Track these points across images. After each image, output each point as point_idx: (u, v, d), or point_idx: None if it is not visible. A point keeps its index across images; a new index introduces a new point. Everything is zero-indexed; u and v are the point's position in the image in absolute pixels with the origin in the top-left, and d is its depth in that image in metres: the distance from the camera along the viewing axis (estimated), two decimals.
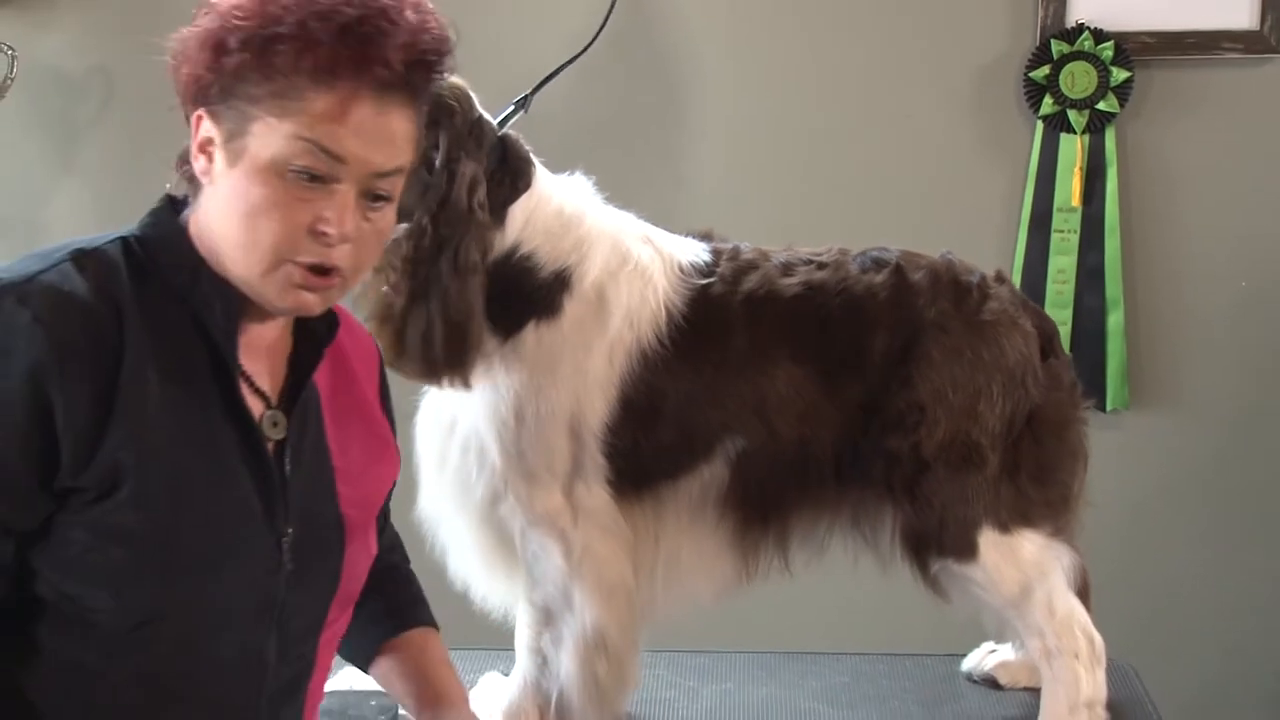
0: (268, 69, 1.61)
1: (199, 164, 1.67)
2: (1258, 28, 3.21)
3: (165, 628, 1.62)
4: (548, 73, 2.82)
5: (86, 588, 1.60)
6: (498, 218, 2.12)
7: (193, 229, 1.69)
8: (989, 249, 3.12)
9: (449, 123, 2.06)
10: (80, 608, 1.60)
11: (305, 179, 1.62)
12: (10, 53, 3.21)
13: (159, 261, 1.67)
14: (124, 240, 1.68)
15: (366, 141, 1.62)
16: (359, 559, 1.81)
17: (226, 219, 1.65)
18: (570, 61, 2.29)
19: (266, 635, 1.69)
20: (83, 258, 1.64)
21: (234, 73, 1.63)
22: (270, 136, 1.61)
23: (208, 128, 1.66)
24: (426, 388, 2.21)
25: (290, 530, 1.69)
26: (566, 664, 2.19)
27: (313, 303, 1.67)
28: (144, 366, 1.60)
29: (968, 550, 2.18)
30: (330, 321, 1.76)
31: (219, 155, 1.65)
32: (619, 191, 2.26)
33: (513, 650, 2.25)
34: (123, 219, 3.37)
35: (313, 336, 1.75)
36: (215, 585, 1.64)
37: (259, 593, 1.68)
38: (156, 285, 1.65)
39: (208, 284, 1.66)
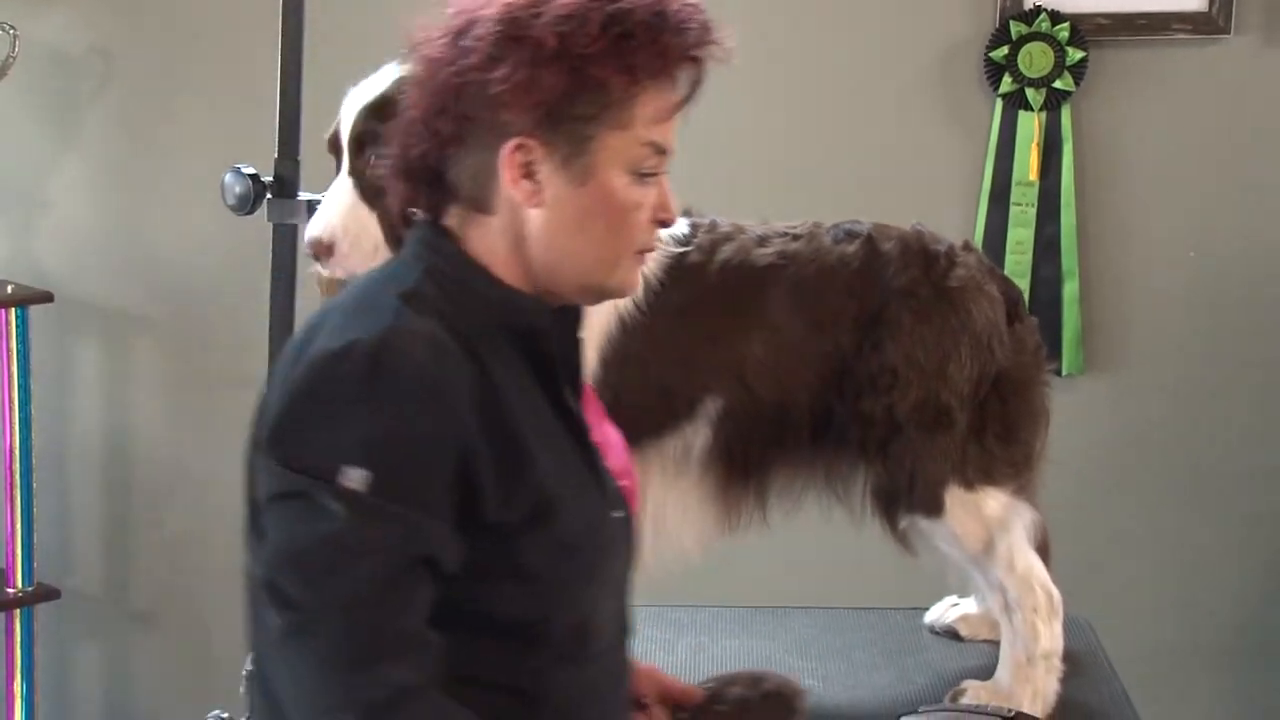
0: (625, 84, 1.58)
1: (522, 188, 1.58)
2: (1206, 9, 3.21)
3: (592, 629, 1.62)
4: None
5: (530, 610, 1.57)
6: None
7: (478, 247, 1.62)
8: (951, 221, 3.12)
9: None
10: (524, 632, 1.57)
11: (645, 176, 1.62)
12: (12, 32, 3.19)
13: (465, 284, 1.60)
14: (425, 272, 1.60)
15: (675, 128, 1.65)
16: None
17: (582, 233, 1.61)
18: None
19: (625, 616, 1.72)
20: (413, 299, 1.56)
21: (580, 98, 1.58)
22: (616, 147, 1.59)
23: (534, 154, 1.58)
24: None
25: (620, 513, 1.69)
26: None
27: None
28: (508, 389, 1.57)
29: (935, 507, 2.18)
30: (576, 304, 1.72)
31: (555, 177, 1.59)
32: None
33: None
34: (120, 194, 3.38)
35: (563, 320, 1.70)
36: (612, 578, 1.66)
37: (623, 577, 1.70)
38: (470, 308, 1.59)
39: (522, 297, 1.62)
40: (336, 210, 2.08)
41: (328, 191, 2.09)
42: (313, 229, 2.08)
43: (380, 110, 2.05)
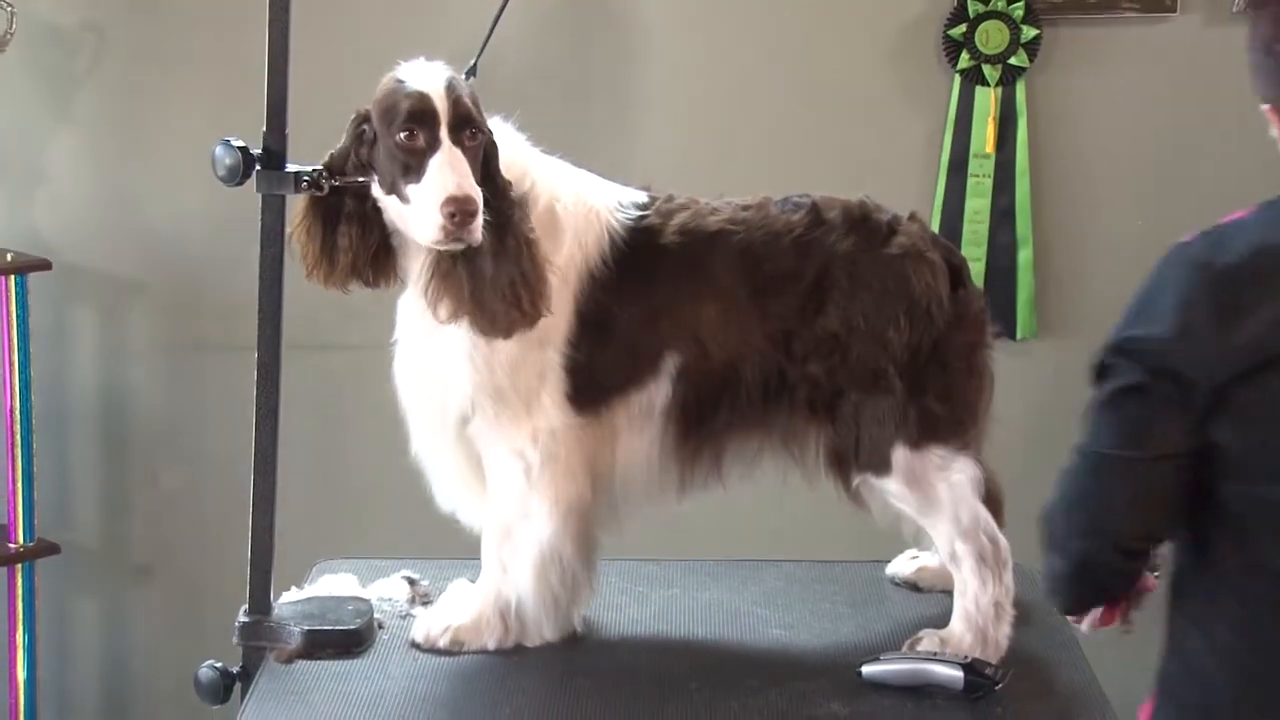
0: None
1: None
2: None
3: None
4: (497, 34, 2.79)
5: None
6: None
7: None
8: (911, 192, 3.12)
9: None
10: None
11: None
12: (10, 9, 3.17)
13: None
14: None
15: None
16: None
17: None
18: (498, 18, 2.25)
19: None
20: None
21: None
22: None
23: None
24: (397, 337, 2.22)
25: None
26: (524, 574, 2.20)
27: None
28: None
29: (883, 466, 2.18)
30: None
31: None
32: (569, 145, 2.25)
33: (480, 560, 2.26)
34: (115, 166, 3.37)
35: None
36: None
37: None
38: None
39: None
40: (467, 175, 2.04)
41: (438, 161, 2.05)
42: (459, 188, 2.03)
43: (456, 90, 2.07)
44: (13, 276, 3.18)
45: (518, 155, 2.19)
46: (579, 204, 2.18)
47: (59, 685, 3.49)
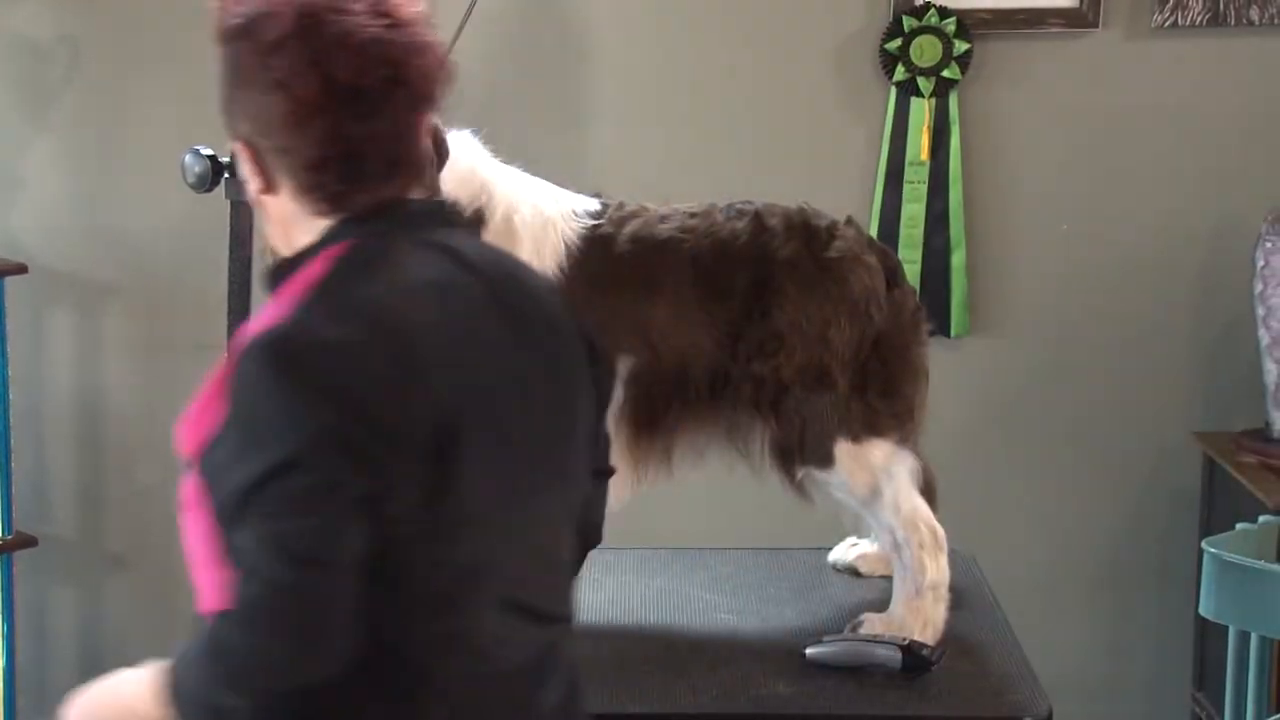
0: None
1: None
2: (1077, 6, 3.24)
3: None
4: (457, 46, 2.78)
5: None
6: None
7: None
8: (850, 198, 3.13)
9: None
10: None
11: None
12: None
13: None
14: None
15: None
16: None
17: None
18: (459, 31, 2.24)
19: None
20: None
21: None
22: None
23: None
24: None
25: None
26: None
27: None
28: None
29: (825, 459, 2.19)
30: None
31: None
32: (524, 151, 2.24)
33: None
34: (89, 173, 3.33)
35: None
36: None
37: None
38: None
39: None
40: None
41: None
42: None
43: None
44: None
45: (478, 167, 2.18)
46: (536, 214, 2.17)
47: (37, 671, 3.46)
